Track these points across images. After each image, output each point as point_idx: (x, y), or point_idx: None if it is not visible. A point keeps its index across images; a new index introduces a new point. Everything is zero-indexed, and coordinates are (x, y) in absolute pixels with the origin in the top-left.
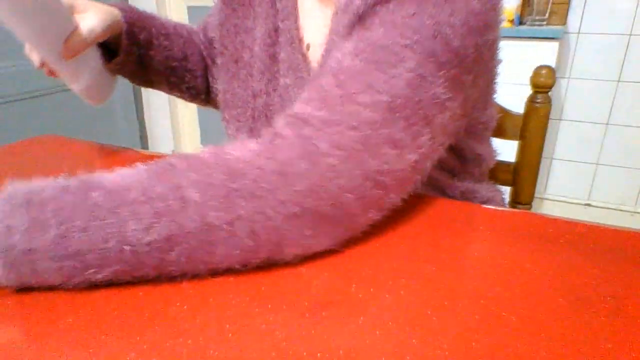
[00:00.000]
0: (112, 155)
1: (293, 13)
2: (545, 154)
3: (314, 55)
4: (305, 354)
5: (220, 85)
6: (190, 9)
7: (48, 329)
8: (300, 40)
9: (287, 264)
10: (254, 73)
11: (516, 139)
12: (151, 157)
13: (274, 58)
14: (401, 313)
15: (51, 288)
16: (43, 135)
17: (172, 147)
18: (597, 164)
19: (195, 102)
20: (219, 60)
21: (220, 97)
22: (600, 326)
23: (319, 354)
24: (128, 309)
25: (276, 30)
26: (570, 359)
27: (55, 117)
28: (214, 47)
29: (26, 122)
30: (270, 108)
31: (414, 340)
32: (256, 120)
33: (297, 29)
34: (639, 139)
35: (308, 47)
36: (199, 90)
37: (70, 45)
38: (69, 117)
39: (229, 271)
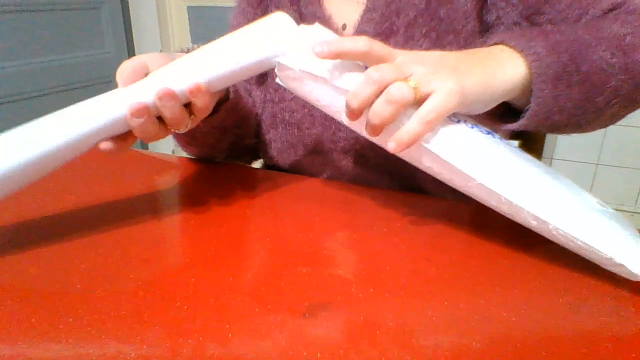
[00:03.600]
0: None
1: None
2: (545, 154)
3: (350, 33)
4: (305, 354)
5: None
6: (190, 9)
7: (48, 329)
8: (328, 20)
9: (287, 264)
10: None
11: (516, 139)
12: (151, 157)
13: None
14: (401, 313)
15: (51, 288)
16: None
17: (172, 147)
18: (597, 164)
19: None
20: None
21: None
22: (600, 326)
23: (318, 354)
24: (128, 309)
25: (300, 16)
26: (570, 359)
27: None
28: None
29: (26, 122)
30: None
31: (413, 341)
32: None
33: (323, 10)
34: (639, 139)
35: (344, 27)
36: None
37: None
38: None
39: (228, 271)
